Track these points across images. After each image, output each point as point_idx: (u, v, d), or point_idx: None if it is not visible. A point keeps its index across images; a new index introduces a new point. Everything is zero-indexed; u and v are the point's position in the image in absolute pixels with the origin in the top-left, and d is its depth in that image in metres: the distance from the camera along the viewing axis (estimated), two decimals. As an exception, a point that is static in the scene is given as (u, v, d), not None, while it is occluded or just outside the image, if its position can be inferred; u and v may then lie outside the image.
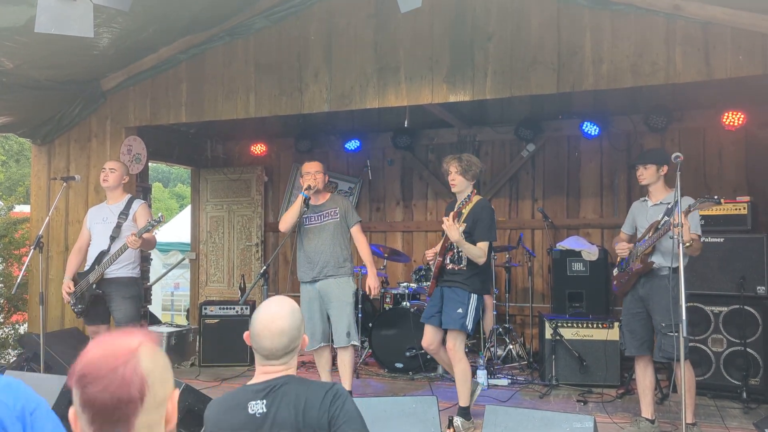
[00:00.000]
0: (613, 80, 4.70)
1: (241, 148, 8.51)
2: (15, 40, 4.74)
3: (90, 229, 5.13)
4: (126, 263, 4.96)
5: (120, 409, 1.18)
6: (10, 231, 6.86)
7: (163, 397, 1.25)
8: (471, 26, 5.06)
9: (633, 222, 4.55)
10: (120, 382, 1.18)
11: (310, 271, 4.96)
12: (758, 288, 5.09)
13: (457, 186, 4.50)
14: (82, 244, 5.17)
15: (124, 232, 4.94)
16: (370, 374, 6.10)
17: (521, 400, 5.21)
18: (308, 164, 5.06)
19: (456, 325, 4.33)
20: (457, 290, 4.39)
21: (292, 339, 2.07)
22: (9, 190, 17.61)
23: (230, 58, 5.84)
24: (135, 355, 1.21)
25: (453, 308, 4.36)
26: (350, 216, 5.02)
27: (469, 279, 4.39)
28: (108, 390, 1.17)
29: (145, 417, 1.21)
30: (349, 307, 4.89)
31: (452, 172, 4.47)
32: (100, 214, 5.12)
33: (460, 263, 4.41)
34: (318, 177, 4.95)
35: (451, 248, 4.43)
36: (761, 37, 4.30)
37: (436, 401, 3.47)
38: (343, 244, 4.99)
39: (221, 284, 8.47)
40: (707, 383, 5.11)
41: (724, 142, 6.48)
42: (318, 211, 4.99)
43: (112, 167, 5.13)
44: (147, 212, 5.08)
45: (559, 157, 7.15)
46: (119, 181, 5.13)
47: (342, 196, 5.26)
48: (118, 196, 5.14)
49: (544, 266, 7.09)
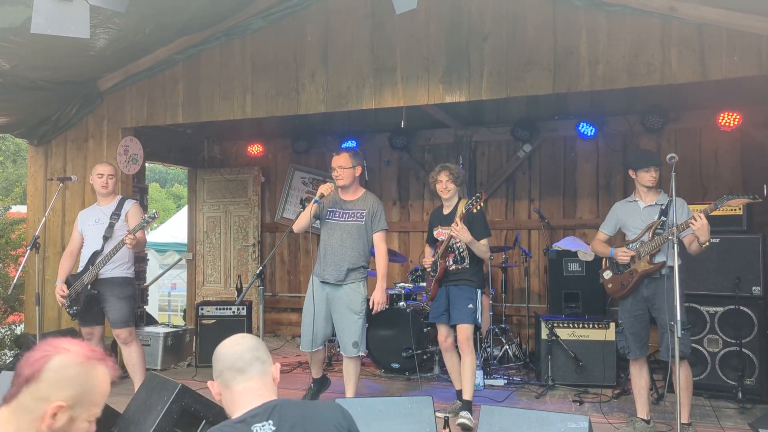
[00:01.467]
0: (609, 81, 4.72)
1: (237, 148, 8.51)
2: (11, 41, 4.73)
3: (82, 231, 5.10)
4: (120, 263, 4.95)
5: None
6: (6, 231, 6.85)
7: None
8: (467, 27, 5.07)
9: (617, 223, 4.49)
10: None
11: (322, 269, 4.70)
12: (753, 288, 5.10)
13: (450, 192, 4.74)
14: (74, 248, 5.14)
15: (116, 232, 4.93)
16: (367, 374, 6.10)
17: (517, 401, 5.22)
18: (335, 157, 4.72)
19: (469, 319, 4.60)
20: (464, 287, 4.67)
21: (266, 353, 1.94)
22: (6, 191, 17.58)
23: (227, 59, 5.85)
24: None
25: (464, 304, 4.62)
26: (377, 221, 4.69)
27: (474, 276, 4.70)
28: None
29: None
30: (357, 316, 4.62)
31: (443, 181, 4.72)
32: (92, 216, 5.10)
33: (463, 262, 4.69)
34: (343, 173, 4.62)
35: (452, 250, 4.69)
36: (756, 38, 4.32)
37: (432, 401, 3.48)
38: (363, 249, 4.68)
39: (218, 284, 8.47)
40: (703, 383, 5.13)
41: (720, 142, 6.50)
42: (345, 208, 4.70)
43: (111, 173, 5.10)
44: (139, 211, 5.08)
45: (556, 158, 7.17)
46: (115, 184, 5.16)
47: (374, 197, 4.79)
48: (110, 198, 5.13)
49: (540, 267, 7.10)
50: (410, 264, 7.44)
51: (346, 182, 4.67)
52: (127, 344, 4.99)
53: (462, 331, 4.61)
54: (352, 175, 4.66)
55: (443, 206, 4.89)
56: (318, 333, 4.71)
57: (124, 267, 5.00)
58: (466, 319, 4.59)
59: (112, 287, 4.94)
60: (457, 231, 4.48)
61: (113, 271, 4.94)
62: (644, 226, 4.27)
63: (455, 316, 4.65)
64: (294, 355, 6.92)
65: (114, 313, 4.93)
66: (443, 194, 4.76)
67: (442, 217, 4.83)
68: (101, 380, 1.58)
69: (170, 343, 6.53)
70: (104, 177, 5.06)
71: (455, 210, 4.71)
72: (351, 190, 4.73)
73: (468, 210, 4.49)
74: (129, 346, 5.00)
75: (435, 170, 4.81)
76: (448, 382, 5.75)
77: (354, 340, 4.60)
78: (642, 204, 4.35)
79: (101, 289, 4.93)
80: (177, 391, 3.43)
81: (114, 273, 4.95)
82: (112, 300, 4.92)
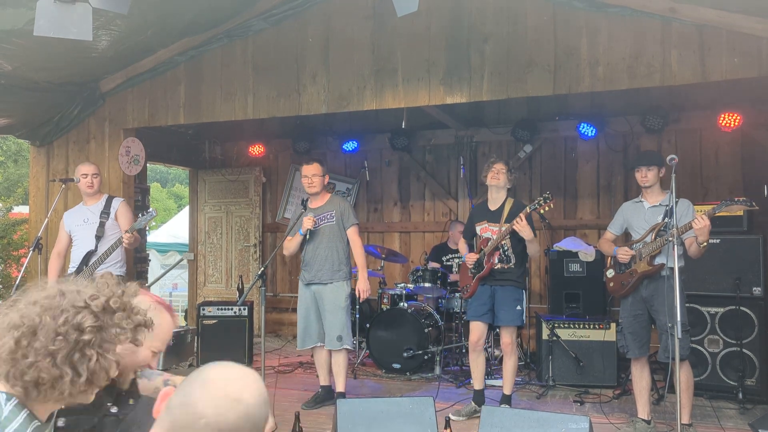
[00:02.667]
0: (609, 82, 4.72)
1: (239, 149, 8.53)
2: (13, 43, 4.74)
3: (70, 232, 5.09)
4: (114, 262, 4.96)
5: None
6: (8, 232, 6.88)
7: None
8: (467, 28, 5.08)
9: (623, 223, 4.51)
10: None
11: (307, 273, 5.03)
12: (754, 289, 5.11)
13: (500, 182, 4.71)
14: (61, 248, 5.14)
15: (108, 231, 4.95)
16: (368, 375, 6.12)
17: (518, 401, 5.23)
18: (306, 167, 5.04)
19: (517, 321, 4.67)
20: (511, 288, 4.68)
21: None
22: (7, 191, 17.59)
23: (228, 60, 5.86)
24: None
25: (512, 306, 4.65)
26: (347, 218, 5.00)
27: (519, 277, 4.73)
28: None
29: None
30: (342, 311, 4.90)
31: (497, 171, 4.71)
32: (80, 216, 5.08)
33: (509, 262, 4.65)
34: (315, 180, 4.95)
35: (498, 248, 4.64)
36: (756, 39, 4.32)
37: (433, 402, 3.49)
38: (340, 247, 4.98)
39: (219, 285, 8.49)
40: (703, 384, 5.13)
41: (720, 143, 6.51)
42: (316, 214, 4.98)
43: (95, 172, 5.08)
44: (128, 209, 5.10)
45: (556, 158, 7.18)
46: (100, 183, 5.14)
47: (340, 198, 5.20)
48: (96, 197, 5.11)
49: (541, 267, 7.11)
50: (411, 264, 7.45)
51: (317, 189, 4.99)
52: None
53: (509, 333, 4.67)
54: (321, 183, 5.01)
55: (488, 201, 4.84)
56: (312, 329, 4.99)
57: (118, 265, 5.00)
58: (515, 321, 4.65)
59: None
60: (521, 226, 4.43)
61: (108, 270, 4.95)
62: (648, 226, 4.29)
63: (503, 317, 4.65)
64: (295, 355, 6.93)
65: None
66: (494, 181, 4.71)
67: (488, 213, 4.79)
68: (166, 321, 2.05)
69: (172, 344, 6.53)
70: (89, 177, 5.04)
71: (503, 207, 4.70)
72: (319, 197, 5.04)
73: (534, 209, 4.50)
74: None
75: (491, 160, 4.82)
76: (449, 383, 5.77)
77: (338, 333, 4.83)
78: (647, 204, 4.36)
79: None
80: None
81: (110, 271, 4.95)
82: None
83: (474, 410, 4.67)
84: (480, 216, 4.85)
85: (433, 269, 6.25)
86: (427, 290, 6.28)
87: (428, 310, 6.24)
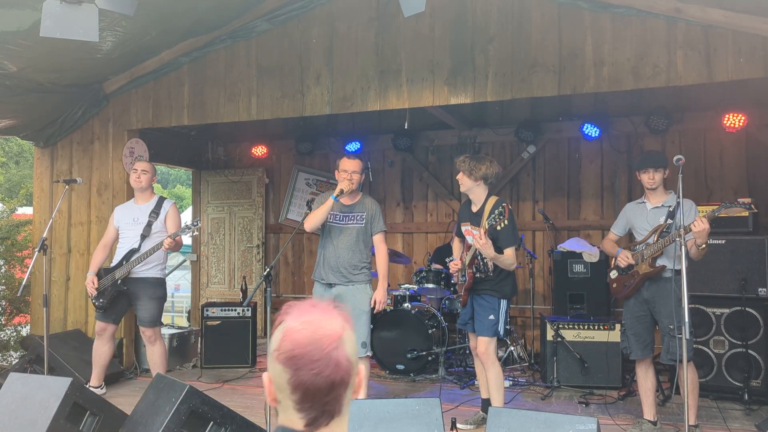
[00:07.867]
0: (614, 83, 4.72)
1: (242, 150, 8.53)
2: (19, 44, 4.75)
3: (118, 227, 5.21)
4: (155, 263, 5.06)
5: (333, 390, 1.23)
6: (12, 233, 6.86)
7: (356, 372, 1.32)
8: (472, 29, 5.07)
9: (626, 224, 4.49)
10: (334, 367, 1.22)
11: (325, 273, 4.73)
12: (760, 290, 5.10)
13: (464, 187, 4.49)
14: (108, 240, 5.24)
15: (154, 231, 5.05)
16: (371, 376, 6.09)
17: (523, 402, 5.22)
18: (348, 161, 4.65)
19: (489, 332, 4.40)
20: (487, 297, 4.45)
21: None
22: (9, 192, 17.62)
23: (232, 61, 5.86)
24: (342, 339, 1.26)
25: (485, 316, 4.43)
26: (376, 222, 4.73)
27: (497, 285, 4.44)
28: (323, 374, 1.21)
29: (349, 395, 1.28)
30: (365, 316, 4.62)
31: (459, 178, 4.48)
32: (131, 214, 5.19)
33: (486, 272, 4.43)
34: (354, 177, 4.60)
35: (476, 257, 4.41)
36: (762, 40, 4.32)
37: (440, 403, 3.49)
38: (364, 250, 4.71)
39: (222, 286, 8.49)
40: (709, 385, 5.12)
41: (724, 143, 6.50)
42: (345, 212, 4.70)
43: (144, 169, 5.21)
44: (177, 213, 5.22)
45: (560, 159, 7.17)
46: (150, 182, 5.23)
47: (372, 200, 4.85)
48: (147, 197, 5.23)
49: (545, 268, 7.10)
50: (414, 265, 7.44)
51: (356, 187, 4.65)
52: (152, 343, 5.12)
53: (481, 343, 4.46)
54: (359, 180, 4.68)
55: (471, 201, 4.61)
56: None
57: (159, 268, 5.12)
58: (486, 332, 4.40)
59: (146, 287, 5.05)
60: (481, 245, 4.18)
61: (148, 271, 5.05)
62: (650, 227, 4.28)
63: (477, 327, 4.49)
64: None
65: (145, 312, 5.05)
66: (462, 188, 4.51)
67: (471, 215, 4.55)
68: None
69: (175, 345, 6.53)
70: (138, 172, 5.18)
71: (483, 208, 4.41)
72: (352, 195, 4.72)
73: (491, 226, 4.19)
74: (153, 345, 5.13)
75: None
76: (453, 384, 5.76)
77: (362, 340, 4.56)
78: (649, 205, 4.35)
79: (134, 288, 5.03)
80: (185, 392, 3.44)
81: (149, 273, 5.06)
82: (145, 299, 5.04)
83: (482, 418, 4.58)
84: (464, 217, 4.64)
85: (436, 270, 6.24)
86: (430, 291, 6.27)
87: (432, 311, 6.23)
